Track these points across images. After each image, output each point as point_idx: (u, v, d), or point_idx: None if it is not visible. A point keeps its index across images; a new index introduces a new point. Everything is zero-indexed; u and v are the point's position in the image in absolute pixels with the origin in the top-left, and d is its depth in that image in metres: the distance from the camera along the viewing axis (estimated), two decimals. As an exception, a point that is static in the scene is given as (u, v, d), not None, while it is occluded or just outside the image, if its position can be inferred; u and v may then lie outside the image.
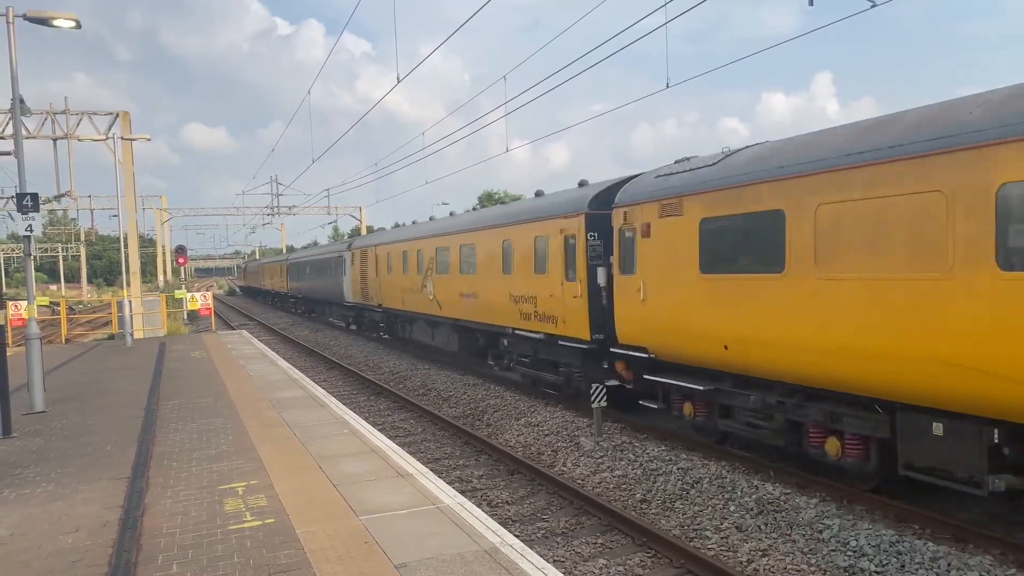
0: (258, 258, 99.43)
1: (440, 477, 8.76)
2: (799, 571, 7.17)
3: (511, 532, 6.98)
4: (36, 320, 13.12)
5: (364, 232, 62.49)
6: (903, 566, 6.98)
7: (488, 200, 67.61)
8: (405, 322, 25.31)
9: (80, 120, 26.53)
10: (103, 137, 26.87)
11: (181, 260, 35.89)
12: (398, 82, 17.82)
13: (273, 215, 61.48)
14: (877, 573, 6.96)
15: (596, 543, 8.23)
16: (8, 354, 11.58)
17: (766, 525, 8.25)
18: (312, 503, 7.16)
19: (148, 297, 30.30)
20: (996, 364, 6.68)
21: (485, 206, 54.38)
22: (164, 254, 71.59)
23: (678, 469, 10.17)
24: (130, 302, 25.48)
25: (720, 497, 9.13)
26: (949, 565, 6.86)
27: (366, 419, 13.67)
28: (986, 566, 6.79)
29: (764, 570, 7.26)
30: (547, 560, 6.65)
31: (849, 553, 7.35)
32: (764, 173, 9.28)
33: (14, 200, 12.53)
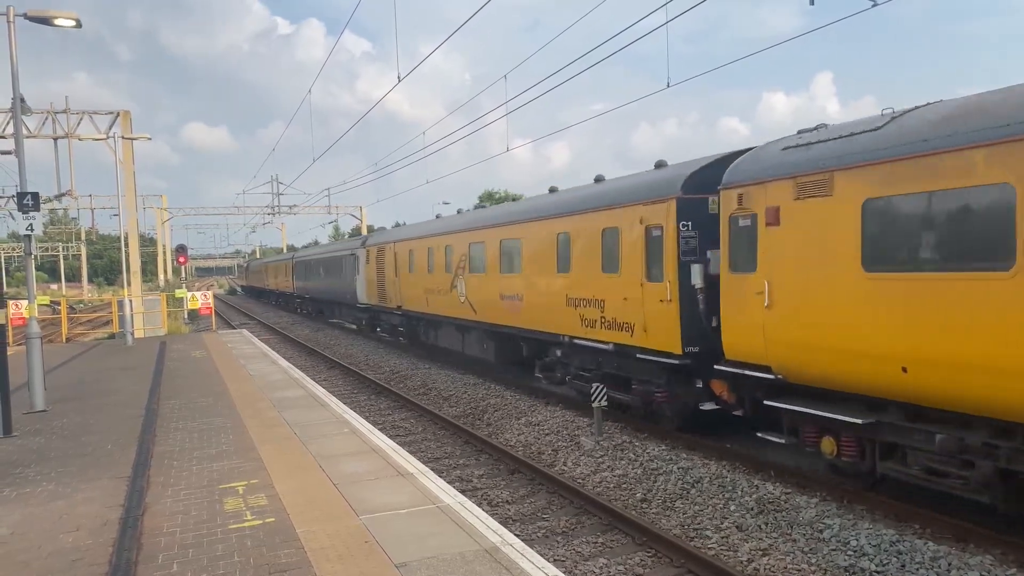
0: (259, 257, 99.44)
1: (440, 476, 8.76)
2: (799, 570, 7.17)
3: (511, 531, 6.98)
4: (37, 319, 13.13)
5: (365, 231, 62.45)
6: (903, 566, 6.98)
7: (489, 199, 67.42)
8: (429, 326, 22.88)
9: (81, 119, 26.56)
10: (104, 136, 26.89)
11: (181, 259, 35.90)
12: (399, 81, 17.82)
13: (274, 215, 61.60)
14: (877, 573, 6.96)
15: (596, 542, 8.23)
16: (9, 353, 11.59)
17: (766, 524, 8.25)
18: (312, 502, 7.17)
19: (149, 296, 30.32)
20: None
21: (486, 205, 53.83)
22: (165, 253, 71.65)
23: (678, 468, 10.17)
24: (131, 301, 25.49)
25: (720, 496, 9.12)
26: (950, 565, 6.85)
27: (366, 418, 13.66)
28: (987, 566, 6.78)
29: (764, 569, 7.26)
30: (547, 559, 6.65)
31: (849, 553, 7.34)
32: (975, 135, 6.98)
33: (15, 199, 12.54)
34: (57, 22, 14.01)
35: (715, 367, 10.28)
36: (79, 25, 14.22)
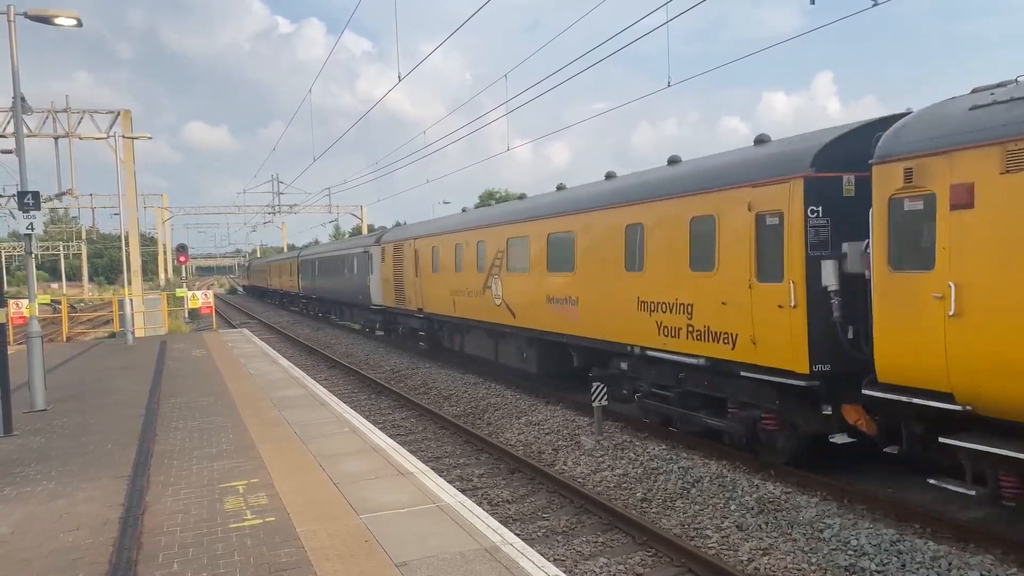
0: (260, 256, 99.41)
1: (441, 476, 8.75)
2: (800, 570, 7.16)
3: (512, 531, 6.98)
4: (37, 318, 13.14)
5: (365, 231, 62.43)
6: (904, 565, 6.97)
7: (489, 199, 67.27)
8: (455, 331, 20.67)
9: (81, 119, 26.57)
10: (104, 136, 26.91)
11: (182, 259, 35.92)
12: (399, 81, 17.83)
13: (274, 214, 61.61)
14: (878, 572, 6.96)
15: (597, 542, 8.23)
16: (9, 352, 11.59)
17: (767, 524, 8.25)
18: (312, 502, 7.17)
19: (149, 296, 30.33)
20: None
21: (487, 204, 53.55)
22: (165, 253, 71.67)
23: (679, 468, 10.16)
24: (131, 301, 25.51)
25: (721, 496, 9.12)
26: (950, 564, 6.85)
27: (367, 418, 13.66)
28: (987, 565, 6.77)
29: (765, 569, 7.25)
30: (547, 559, 6.65)
31: (850, 552, 7.34)
32: None
33: (16, 198, 12.54)
34: (58, 21, 14.01)
35: (863, 391, 8.13)
36: (80, 24, 14.22)
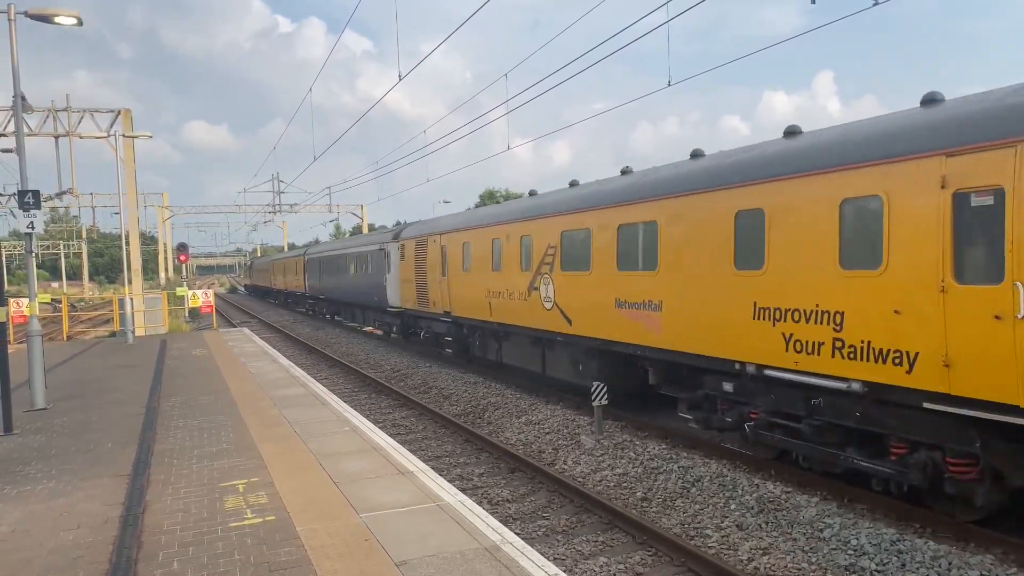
0: (260, 255, 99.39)
1: (441, 475, 8.76)
2: (800, 569, 7.16)
3: (512, 530, 6.98)
4: (37, 317, 13.15)
5: (365, 230, 62.41)
6: (904, 565, 6.97)
7: (490, 198, 67.14)
8: (490, 338, 18.46)
9: (82, 118, 26.55)
10: (105, 135, 26.90)
11: (183, 258, 35.93)
12: (399, 80, 17.83)
13: (275, 213, 61.62)
14: (878, 572, 6.96)
15: (597, 541, 8.23)
16: (9, 351, 11.60)
17: (767, 523, 8.25)
18: (313, 501, 7.17)
19: (149, 295, 30.33)
20: None
21: (487, 204, 53.19)
22: (166, 252, 71.67)
23: (679, 467, 10.17)
24: (131, 300, 25.52)
25: (721, 495, 9.12)
26: (950, 564, 6.85)
27: (367, 417, 13.66)
28: (987, 565, 6.77)
29: (765, 568, 7.25)
30: (547, 558, 6.65)
31: (850, 552, 7.34)
32: None
33: (16, 197, 12.55)
34: (58, 20, 14.02)
35: None
36: (80, 23, 14.23)
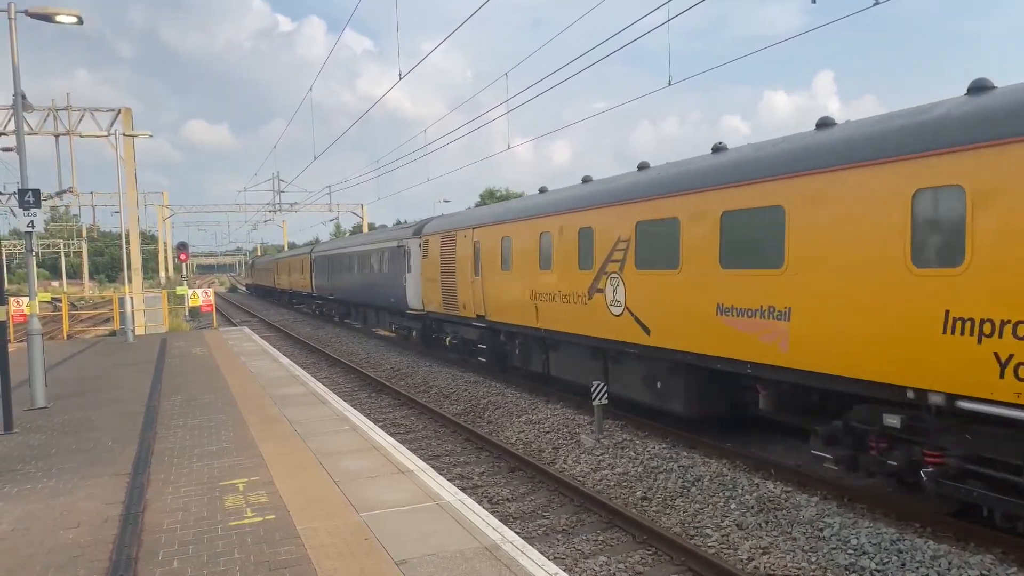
0: (261, 254, 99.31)
1: (441, 474, 8.75)
2: (800, 569, 7.16)
3: (512, 529, 6.99)
4: (38, 316, 13.15)
5: (366, 229, 62.38)
6: (904, 564, 6.97)
7: (490, 197, 67.12)
8: (535, 347, 16.08)
9: (82, 117, 26.55)
10: (105, 134, 26.89)
11: (183, 257, 35.89)
12: (400, 79, 17.83)
13: (275, 212, 61.61)
14: (878, 571, 6.96)
15: (597, 540, 8.23)
16: (10, 350, 11.60)
17: (767, 523, 8.25)
18: (313, 500, 7.17)
19: (150, 294, 30.32)
20: None
21: (487, 203, 53.10)
22: (166, 250, 71.68)
23: (679, 467, 10.17)
24: (132, 298, 25.52)
25: (721, 495, 9.12)
26: (950, 564, 6.85)
27: (367, 416, 13.67)
28: (987, 565, 6.77)
29: (765, 568, 7.26)
30: (547, 557, 6.66)
31: (850, 551, 7.34)
32: None
33: (16, 196, 12.55)
34: (58, 19, 14.03)
35: None
36: (80, 22, 14.23)
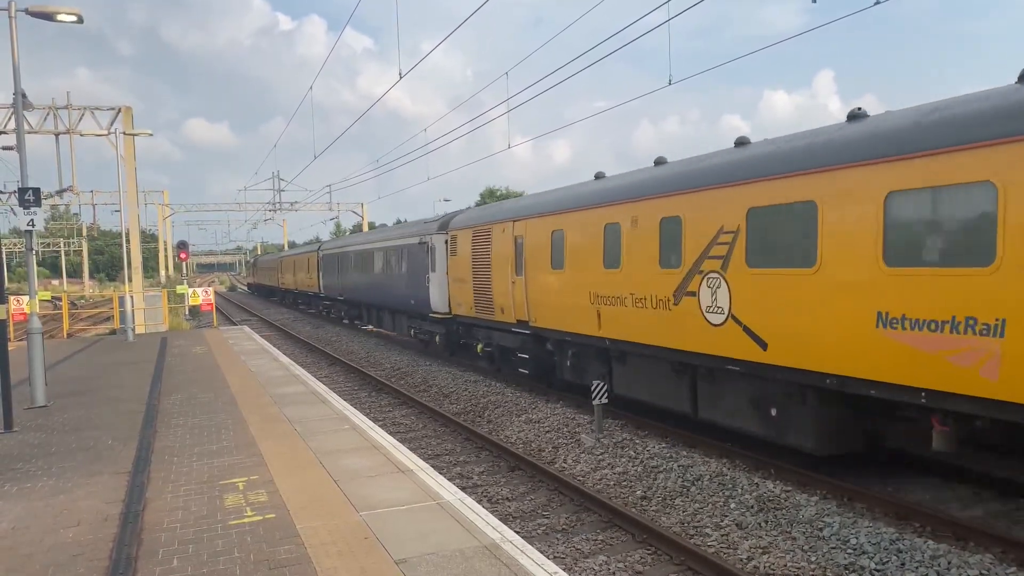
0: (260, 253, 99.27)
1: (441, 473, 8.75)
2: (799, 569, 7.17)
3: (511, 528, 6.99)
4: (38, 315, 13.15)
5: (366, 228, 62.36)
6: (903, 564, 6.98)
7: (491, 197, 67.17)
8: (593, 358, 13.73)
9: (82, 115, 26.55)
10: (105, 132, 26.89)
11: (183, 255, 35.92)
12: (400, 78, 17.82)
13: (275, 211, 61.63)
14: (877, 571, 6.96)
15: (596, 540, 8.24)
16: (10, 349, 11.61)
17: (766, 522, 8.25)
18: (313, 499, 7.17)
19: (150, 292, 30.33)
20: None
21: (488, 202, 53.03)
22: (166, 249, 71.67)
23: (679, 466, 10.17)
24: (132, 297, 25.52)
25: (720, 494, 9.13)
26: (949, 563, 6.85)
27: (367, 415, 13.69)
28: (986, 564, 6.78)
29: (764, 567, 7.26)
30: (547, 556, 6.66)
31: (849, 551, 7.34)
32: None
33: (16, 195, 12.55)
34: (59, 17, 14.02)
35: None
36: (81, 20, 14.22)
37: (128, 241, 27.97)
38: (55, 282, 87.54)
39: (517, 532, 7.21)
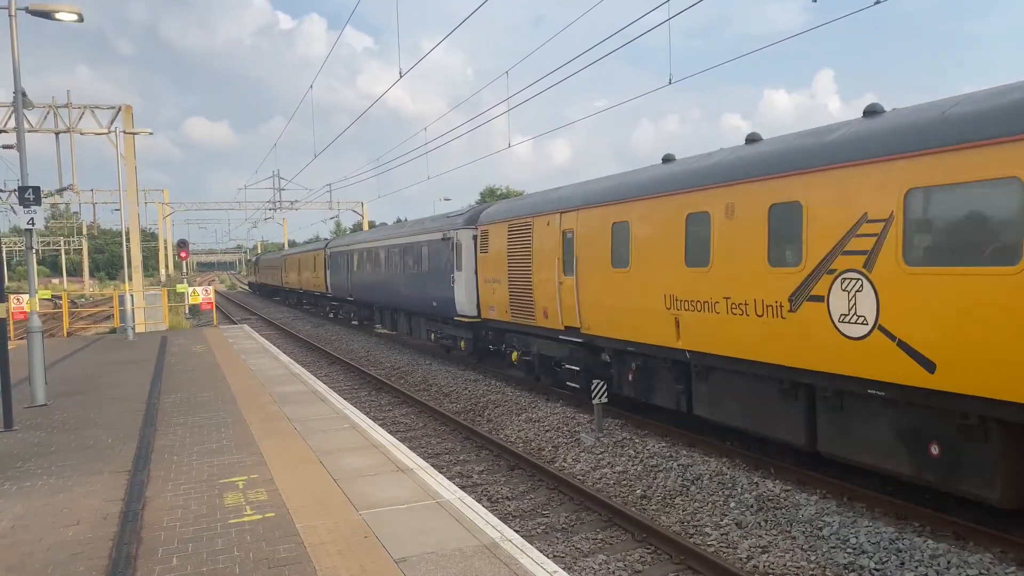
0: (261, 251, 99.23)
1: (440, 472, 8.76)
2: (799, 568, 7.17)
3: (511, 527, 6.99)
4: (38, 313, 13.16)
5: (366, 227, 62.32)
6: (903, 563, 6.98)
7: (490, 195, 67.29)
8: (666, 372, 11.61)
9: (82, 114, 26.53)
10: (105, 131, 26.87)
11: (183, 254, 35.89)
12: (400, 77, 17.82)
13: (275, 210, 61.59)
14: (877, 570, 6.96)
15: (596, 539, 8.24)
16: (10, 347, 11.61)
17: (766, 522, 8.26)
18: (312, 497, 7.17)
19: (150, 291, 30.34)
20: None
21: (486, 201, 53.19)
22: (166, 248, 71.65)
23: (678, 465, 10.17)
24: (132, 296, 25.52)
25: (720, 494, 9.13)
26: (949, 563, 6.85)
27: (367, 414, 13.69)
28: (986, 564, 6.78)
29: (764, 567, 7.26)
30: (547, 555, 6.67)
31: (849, 550, 7.35)
32: None
33: (16, 193, 12.55)
34: (59, 16, 14.00)
35: None
36: (81, 19, 14.20)
37: (128, 240, 27.96)
38: (55, 281, 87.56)
39: (517, 531, 7.21)
